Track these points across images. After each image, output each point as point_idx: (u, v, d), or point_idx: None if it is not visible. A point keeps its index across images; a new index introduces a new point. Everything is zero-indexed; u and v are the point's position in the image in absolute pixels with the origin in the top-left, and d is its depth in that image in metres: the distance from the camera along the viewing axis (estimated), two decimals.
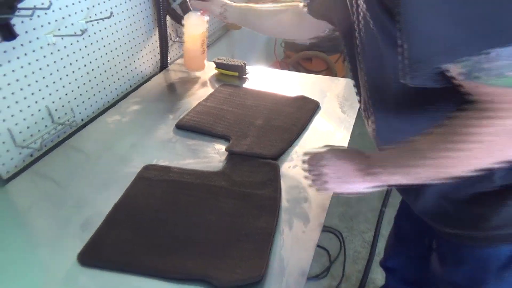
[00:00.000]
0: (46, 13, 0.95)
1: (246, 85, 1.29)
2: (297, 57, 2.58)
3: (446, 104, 0.58)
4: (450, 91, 0.53)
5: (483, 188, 0.65)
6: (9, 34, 0.84)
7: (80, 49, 1.08)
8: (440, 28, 0.47)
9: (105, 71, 1.19)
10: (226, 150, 0.96)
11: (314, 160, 0.73)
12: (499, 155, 0.52)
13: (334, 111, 1.14)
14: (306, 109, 1.13)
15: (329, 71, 2.55)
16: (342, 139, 1.02)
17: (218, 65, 1.35)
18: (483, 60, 0.47)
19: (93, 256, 0.70)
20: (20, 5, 0.83)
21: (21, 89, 0.93)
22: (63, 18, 1.01)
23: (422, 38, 0.49)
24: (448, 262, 0.79)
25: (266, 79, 1.32)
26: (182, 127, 1.07)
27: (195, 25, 1.25)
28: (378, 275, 1.63)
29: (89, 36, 1.11)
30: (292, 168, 0.92)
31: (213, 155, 0.97)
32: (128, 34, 1.26)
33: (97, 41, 1.14)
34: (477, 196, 0.66)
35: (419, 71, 0.51)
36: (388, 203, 1.50)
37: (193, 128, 1.06)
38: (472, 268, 0.72)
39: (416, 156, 0.58)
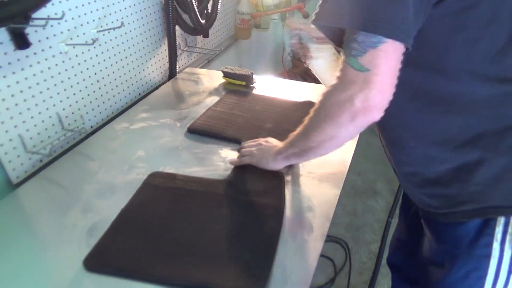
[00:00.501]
0: (59, 23, 0.98)
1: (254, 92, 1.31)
2: (305, 67, 2.59)
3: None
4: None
5: (438, 169, 0.72)
6: (23, 43, 0.87)
7: (91, 58, 1.11)
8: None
9: (115, 79, 1.22)
10: (238, 152, 1.00)
11: (248, 144, 0.96)
12: (336, 125, 0.67)
13: None
14: None
15: None
16: (348, 147, 1.02)
17: (226, 74, 1.37)
18: (351, 38, 0.59)
19: (99, 261, 0.70)
20: (34, 15, 0.85)
21: (33, 96, 0.95)
22: (75, 27, 1.03)
23: None
24: (431, 242, 0.82)
25: (273, 88, 1.33)
26: (194, 131, 1.10)
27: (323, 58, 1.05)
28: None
29: (100, 45, 1.13)
30: (297, 177, 0.92)
31: (218, 163, 0.98)
32: (138, 43, 1.28)
33: (107, 50, 1.16)
34: (437, 177, 0.73)
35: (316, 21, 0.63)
36: (394, 214, 1.49)
37: (204, 132, 1.09)
38: (448, 245, 0.76)
39: (300, 129, 0.77)
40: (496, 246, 0.70)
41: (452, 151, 0.70)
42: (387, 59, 0.59)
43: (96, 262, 0.70)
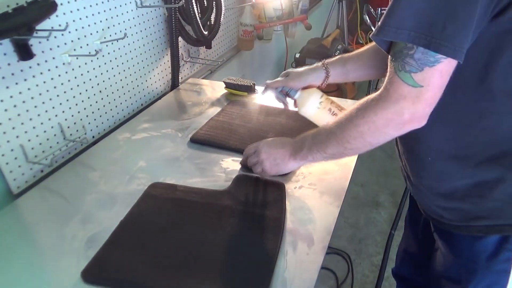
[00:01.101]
0: (62, 34, 0.99)
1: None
2: None
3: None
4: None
5: (454, 184, 0.71)
6: (27, 54, 0.88)
7: (94, 69, 1.12)
8: (412, 7, 0.57)
9: (118, 90, 1.22)
10: (240, 163, 0.99)
11: (251, 151, 0.90)
12: (380, 133, 0.67)
13: None
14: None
15: (339, 92, 2.56)
16: (349, 159, 1.02)
17: (228, 85, 1.38)
18: (406, 53, 0.59)
19: (97, 273, 0.70)
20: (38, 27, 0.86)
21: (35, 106, 0.96)
22: (78, 39, 1.04)
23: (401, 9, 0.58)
24: (446, 257, 0.81)
25: (275, 100, 1.33)
26: (197, 141, 1.10)
27: (310, 103, 1.00)
28: None
29: (103, 56, 1.14)
30: (298, 188, 0.92)
31: (219, 174, 0.97)
32: (141, 54, 1.29)
33: (110, 60, 1.17)
34: (452, 191, 0.72)
35: (380, 34, 0.61)
36: (397, 226, 1.48)
37: (207, 142, 1.09)
38: (465, 259, 0.76)
39: (327, 134, 0.74)
40: None
41: (474, 167, 0.69)
42: (441, 77, 0.59)
43: (94, 274, 0.70)
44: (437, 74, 0.58)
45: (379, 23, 0.60)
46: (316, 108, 0.98)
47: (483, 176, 0.68)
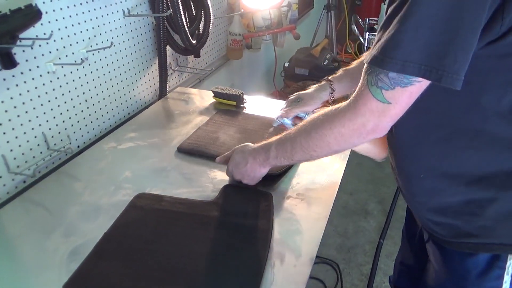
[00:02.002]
0: (47, 43, 0.97)
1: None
2: (296, 87, 2.61)
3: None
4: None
5: (445, 200, 0.72)
6: (9, 63, 0.86)
7: (79, 77, 1.10)
8: (419, 40, 0.55)
9: (104, 99, 1.21)
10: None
11: (224, 161, 0.95)
12: (345, 142, 0.69)
13: None
14: None
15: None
16: (337, 169, 1.02)
17: (216, 94, 1.37)
18: (380, 70, 0.59)
19: (79, 287, 0.68)
20: (22, 35, 0.85)
21: (18, 116, 0.94)
22: (64, 47, 1.03)
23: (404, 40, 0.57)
24: (438, 271, 0.80)
25: (264, 108, 1.33)
26: (184, 151, 1.09)
27: None
28: None
29: (89, 64, 1.13)
30: (286, 199, 0.91)
31: (207, 185, 0.96)
32: (128, 63, 1.28)
33: (97, 69, 1.16)
34: (444, 208, 0.72)
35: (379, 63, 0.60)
36: (386, 235, 1.48)
37: (194, 151, 1.08)
38: (456, 276, 0.75)
39: (292, 143, 0.76)
40: (507, 279, 0.69)
41: (465, 186, 0.69)
42: (410, 97, 0.60)
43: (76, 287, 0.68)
44: (407, 94, 0.60)
45: (379, 51, 0.58)
46: None
47: (474, 194, 0.68)
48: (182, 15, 1.29)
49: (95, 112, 1.18)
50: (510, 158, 0.65)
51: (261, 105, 1.37)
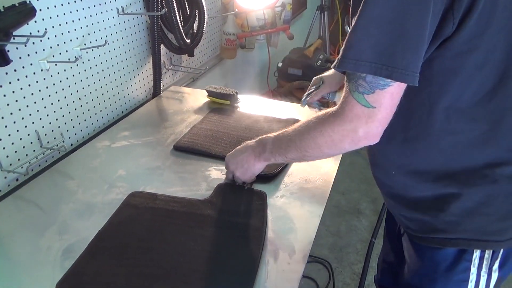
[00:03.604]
0: (41, 40, 0.97)
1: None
2: (289, 87, 2.62)
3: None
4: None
5: (416, 195, 0.75)
6: (3, 60, 0.85)
7: (73, 75, 1.10)
8: (368, 40, 0.59)
9: (97, 97, 1.20)
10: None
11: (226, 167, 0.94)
12: (336, 147, 0.70)
13: None
14: None
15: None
16: (330, 168, 1.03)
17: (210, 94, 1.37)
18: (358, 75, 0.61)
19: (72, 285, 0.68)
20: (15, 32, 0.84)
21: (11, 113, 0.94)
22: (58, 45, 1.03)
23: (360, 40, 0.60)
24: (411, 265, 0.84)
25: (258, 107, 1.34)
26: (180, 149, 1.09)
27: None
28: None
29: (83, 62, 1.12)
30: (280, 198, 0.92)
31: (201, 183, 0.97)
32: (122, 61, 1.28)
33: (90, 67, 1.16)
34: (415, 202, 0.75)
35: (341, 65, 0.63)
36: (378, 234, 1.50)
37: (191, 149, 1.08)
38: (427, 269, 0.79)
39: (287, 141, 0.78)
40: (473, 271, 0.72)
41: (432, 182, 0.72)
42: (392, 99, 0.62)
43: (70, 286, 0.68)
44: (388, 96, 0.61)
45: (339, 55, 0.62)
46: None
47: (441, 190, 0.71)
48: (177, 14, 1.29)
49: (88, 110, 1.18)
50: (472, 157, 0.69)
51: (255, 104, 1.38)
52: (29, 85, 0.97)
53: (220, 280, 0.69)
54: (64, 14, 1.03)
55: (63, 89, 1.07)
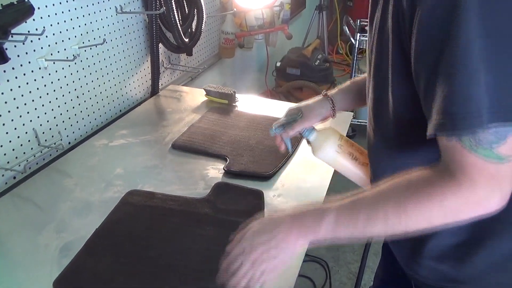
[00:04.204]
0: (39, 39, 0.97)
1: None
2: (287, 87, 2.63)
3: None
4: None
5: (438, 247, 0.64)
6: (1, 58, 0.86)
7: (71, 74, 1.10)
8: (480, 89, 0.46)
9: (96, 96, 1.21)
10: (224, 169, 1.00)
11: (235, 256, 0.61)
12: (454, 218, 0.53)
13: None
14: None
15: None
16: (327, 168, 1.03)
17: (208, 93, 1.38)
18: (480, 129, 0.47)
19: (69, 283, 0.68)
20: (14, 30, 0.84)
21: (9, 111, 0.94)
22: (56, 43, 1.03)
23: (467, 93, 0.46)
24: None
25: (256, 106, 1.34)
26: (178, 147, 1.09)
27: (328, 147, 0.82)
28: None
29: (81, 61, 1.13)
30: (277, 197, 0.92)
31: (198, 182, 0.97)
32: (120, 60, 1.28)
33: (88, 66, 1.16)
34: (437, 254, 0.65)
35: (448, 125, 0.48)
36: None
37: (189, 148, 1.09)
38: None
39: (368, 212, 0.55)
40: None
41: (452, 229, 0.59)
42: None
43: (67, 284, 0.68)
44: None
45: (440, 115, 0.48)
46: (335, 153, 0.81)
47: (463, 237, 0.62)
48: (175, 13, 1.29)
49: (86, 108, 1.18)
50: None
51: (253, 103, 1.38)
52: (27, 83, 0.97)
53: (216, 277, 0.69)
54: (63, 12, 1.03)
55: (61, 88, 1.07)
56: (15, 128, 0.96)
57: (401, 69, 0.55)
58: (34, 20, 0.95)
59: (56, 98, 1.06)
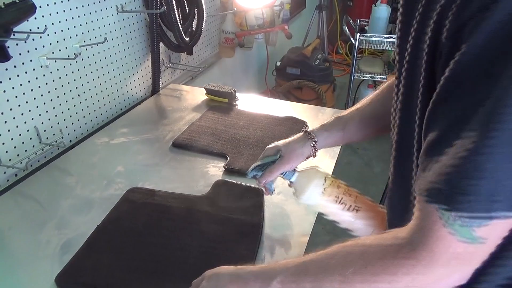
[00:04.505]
0: (41, 37, 0.98)
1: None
2: (287, 86, 2.64)
3: None
4: None
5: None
6: (3, 56, 0.86)
7: (72, 72, 1.10)
8: (509, 165, 0.37)
9: (97, 94, 1.21)
10: (224, 167, 1.01)
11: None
12: None
13: None
14: (296, 128, 1.18)
15: (319, 101, 2.61)
16: (326, 167, 1.04)
17: (209, 91, 1.38)
18: (481, 215, 0.40)
19: (72, 279, 0.69)
20: (16, 29, 0.85)
21: (10, 109, 0.94)
22: (57, 42, 1.03)
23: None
24: None
25: (256, 105, 1.35)
26: (179, 146, 1.10)
27: (311, 190, 0.75)
28: None
29: (82, 59, 1.13)
30: (276, 194, 0.93)
31: (199, 180, 0.98)
32: (121, 58, 1.29)
33: (90, 64, 1.16)
34: None
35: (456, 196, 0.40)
36: None
37: (189, 146, 1.09)
38: None
39: (311, 279, 0.51)
40: None
41: None
42: (506, 229, 0.42)
43: (69, 279, 0.69)
44: (504, 225, 0.41)
45: (440, 185, 0.40)
46: (319, 197, 0.74)
47: None
48: (176, 12, 1.30)
49: (87, 107, 1.18)
50: None
51: (253, 102, 1.39)
52: (29, 81, 0.98)
53: None
54: (64, 11, 1.04)
55: (62, 86, 1.08)
56: (17, 126, 0.97)
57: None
58: (35, 18, 0.95)
59: (58, 96, 1.07)
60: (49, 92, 1.04)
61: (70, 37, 1.07)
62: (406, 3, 0.52)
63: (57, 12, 1.02)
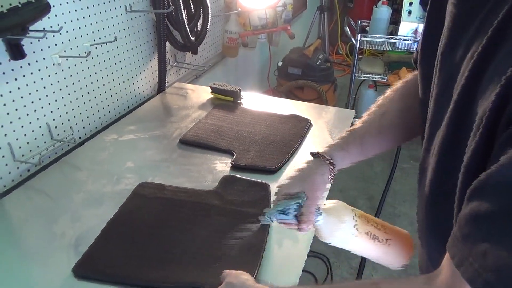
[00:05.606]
0: (54, 36, 1.00)
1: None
2: (289, 86, 2.66)
3: None
4: None
5: None
6: (19, 54, 0.89)
7: (83, 70, 1.13)
8: None
9: (105, 92, 1.24)
10: (231, 163, 1.03)
11: None
12: None
13: (324, 138, 1.19)
14: (300, 126, 1.21)
15: (320, 100, 2.64)
16: None
17: (214, 90, 1.41)
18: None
19: (89, 268, 0.71)
20: (31, 27, 0.88)
21: (24, 105, 0.97)
22: (69, 40, 1.06)
23: None
24: None
25: (260, 104, 1.38)
26: (186, 142, 1.13)
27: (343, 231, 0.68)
28: None
29: (93, 58, 1.16)
30: None
31: (206, 175, 1.00)
32: (129, 57, 1.32)
33: (99, 63, 1.19)
34: None
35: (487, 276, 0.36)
36: None
37: (197, 143, 1.12)
38: None
39: None
40: None
41: None
42: None
43: (86, 268, 0.71)
44: None
45: (496, 279, 0.36)
46: (352, 236, 0.67)
47: None
48: (183, 12, 1.32)
49: (97, 104, 1.21)
50: None
51: (257, 101, 1.41)
52: (42, 79, 1.00)
53: (227, 261, 0.73)
54: (76, 10, 1.06)
55: (73, 83, 1.10)
56: (30, 122, 0.99)
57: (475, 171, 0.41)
58: (49, 17, 0.98)
59: (69, 94, 1.10)
60: (60, 89, 1.07)
61: (81, 36, 1.10)
62: (460, 12, 0.47)
63: (69, 12, 1.04)
